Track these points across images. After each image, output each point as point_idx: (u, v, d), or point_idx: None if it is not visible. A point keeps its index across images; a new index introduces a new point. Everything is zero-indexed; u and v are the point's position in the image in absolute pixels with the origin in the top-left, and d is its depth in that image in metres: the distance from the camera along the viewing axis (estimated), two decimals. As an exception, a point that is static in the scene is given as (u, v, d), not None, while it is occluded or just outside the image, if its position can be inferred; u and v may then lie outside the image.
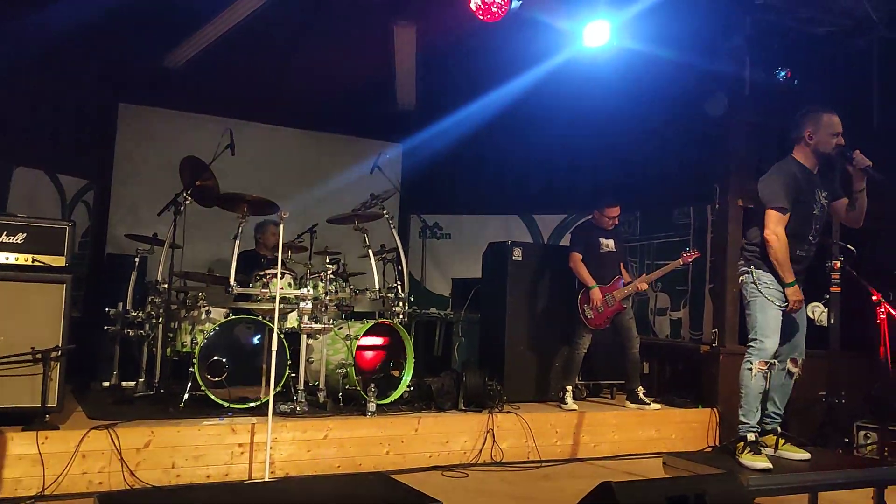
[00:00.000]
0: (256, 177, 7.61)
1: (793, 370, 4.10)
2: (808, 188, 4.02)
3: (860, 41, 6.10)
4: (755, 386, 3.97)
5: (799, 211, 4.00)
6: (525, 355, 6.39)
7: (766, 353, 3.96)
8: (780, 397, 4.15)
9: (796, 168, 4.04)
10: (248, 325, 5.23)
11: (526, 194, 8.85)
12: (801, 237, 4.04)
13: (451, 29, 7.55)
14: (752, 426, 3.96)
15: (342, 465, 4.85)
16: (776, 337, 3.99)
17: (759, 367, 3.96)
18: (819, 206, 4.06)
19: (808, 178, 4.05)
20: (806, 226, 4.04)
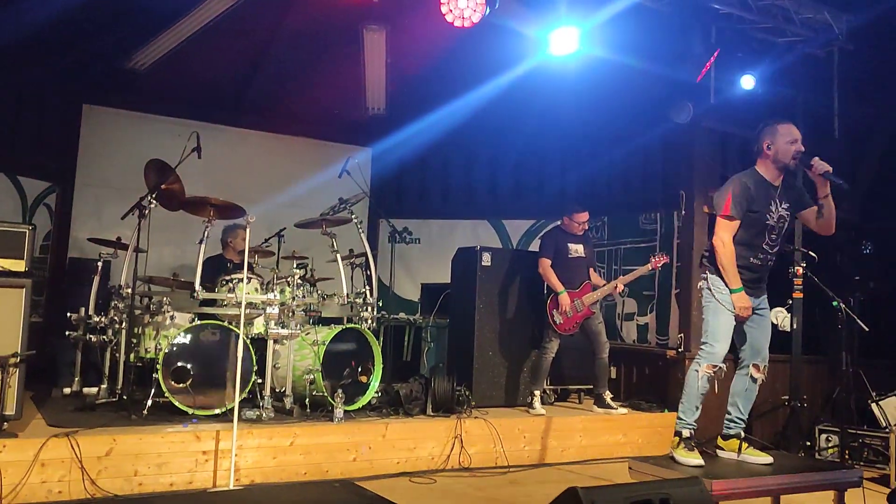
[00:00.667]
0: (223, 181, 7.53)
1: (756, 375, 4.13)
2: (764, 199, 4.07)
3: (821, 51, 6.22)
4: (699, 387, 4.01)
5: (751, 221, 4.06)
6: (494, 360, 6.40)
7: (715, 358, 4.00)
8: (743, 403, 4.19)
9: (753, 179, 4.11)
10: (214, 331, 5.16)
11: (495, 199, 8.89)
12: (755, 246, 4.09)
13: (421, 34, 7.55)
14: (688, 423, 4.01)
15: (309, 472, 4.81)
16: (726, 342, 4.04)
17: (706, 371, 4.01)
18: (776, 216, 4.10)
19: (766, 189, 4.10)
20: (759, 236, 4.09)
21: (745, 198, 4.04)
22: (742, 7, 5.81)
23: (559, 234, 6.35)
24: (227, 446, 4.47)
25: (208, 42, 6.96)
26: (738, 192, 4.04)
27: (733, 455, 4.09)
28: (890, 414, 6.22)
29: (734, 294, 4.00)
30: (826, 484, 3.90)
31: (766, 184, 4.10)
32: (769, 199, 4.08)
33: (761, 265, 4.13)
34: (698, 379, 4.01)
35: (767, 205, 4.07)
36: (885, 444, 5.70)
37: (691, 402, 4.04)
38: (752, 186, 4.06)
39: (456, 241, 7.96)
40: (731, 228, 4.04)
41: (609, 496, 2.89)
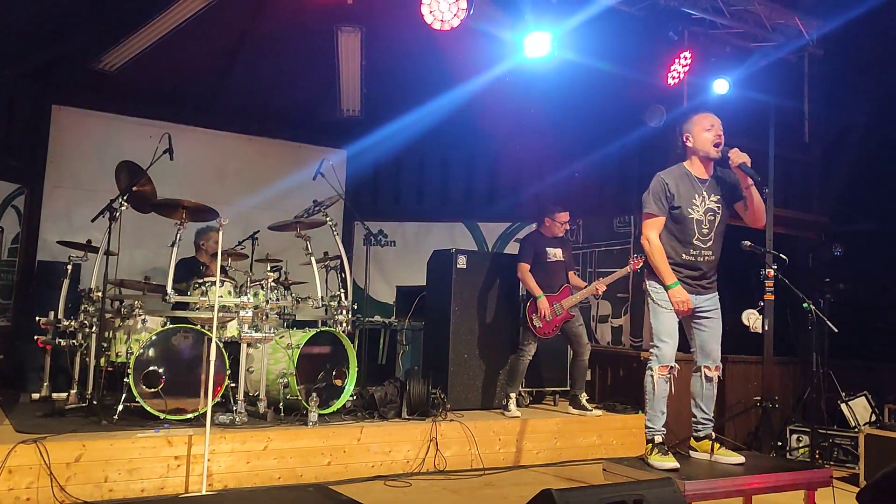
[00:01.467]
0: (196, 182, 7.46)
1: (710, 374, 4.14)
2: (687, 193, 4.08)
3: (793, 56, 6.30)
4: (657, 391, 4.03)
5: (675, 217, 4.09)
6: (469, 363, 6.40)
7: (665, 358, 4.01)
8: (705, 403, 4.20)
9: (674, 175, 4.13)
10: (186, 335, 5.10)
11: (470, 202, 8.89)
12: (685, 242, 4.10)
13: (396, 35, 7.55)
14: (657, 430, 4.03)
15: (282, 476, 4.77)
16: (673, 341, 4.04)
17: (660, 373, 4.02)
18: (703, 210, 4.10)
19: (690, 183, 4.11)
20: (687, 231, 4.09)
21: (664, 194, 4.08)
22: (715, 12, 5.87)
23: (537, 238, 6.35)
24: (199, 451, 4.41)
25: (180, 43, 6.90)
26: (657, 189, 4.09)
27: (706, 456, 4.12)
28: (859, 414, 6.31)
29: (669, 290, 4.00)
30: (797, 484, 3.94)
31: (692, 178, 4.12)
32: (693, 193, 4.09)
33: (695, 261, 4.11)
34: (654, 383, 4.04)
35: (691, 199, 4.08)
36: (855, 443, 5.78)
37: (655, 407, 4.06)
38: (671, 182, 4.09)
39: (431, 243, 7.95)
40: (654, 226, 4.08)
41: (583, 498, 2.90)
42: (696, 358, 4.19)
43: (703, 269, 4.13)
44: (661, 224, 4.10)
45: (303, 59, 7.82)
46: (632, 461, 4.10)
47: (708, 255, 4.14)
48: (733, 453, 4.13)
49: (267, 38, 7.50)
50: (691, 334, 4.20)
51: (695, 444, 4.23)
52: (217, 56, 7.73)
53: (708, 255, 4.14)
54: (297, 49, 7.70)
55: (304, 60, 7.85)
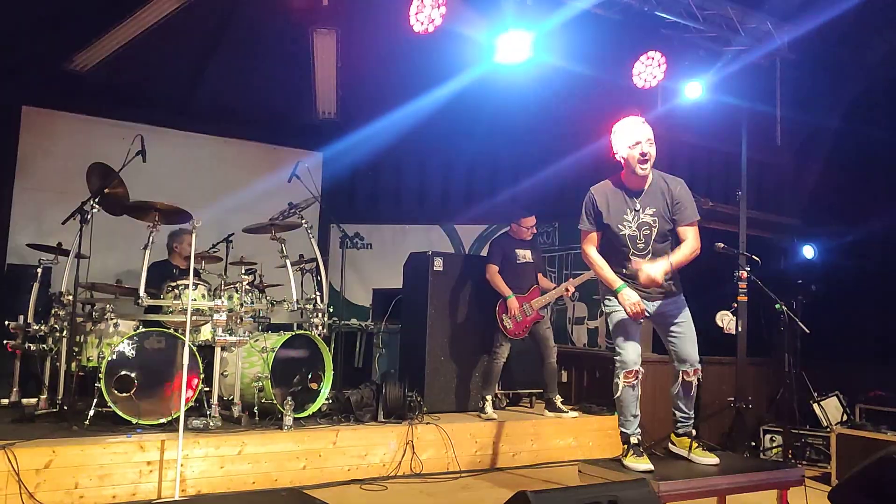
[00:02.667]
0: (169, 185, 7.36)
1: (688, 379, 4.14)
2: (618, 209, 4.01)
3: (764, 60, 6.38)
4: (626, 397, 4.03)
5: (607, 232, 4.07)
6: (445, 366, 6.39)
7: (628, 364, 4.00)
8: (685, 403, 4.21)
9: (606, 190, 4.07)
10: (159, 338, 5.04)
11: (447, 204, 8.89)
12: (620, 255, 4.05)
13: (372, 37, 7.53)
14: (632, 432, 4.04)
15: (257, 481, 4.73)
16: (633, 346, 4.02)
17: (625, 380, 4.01)
18: (637, 224, 3.99)
19: (621, 198, 4.03)
20: (619, 245, 4.04)
21: (592, 210, 4.07)
22: (689, 16, 5.93)
23: (507, 241, 6.38)
24: (172, 456, 4.36)
25: (153, 44, 6.82)
26: (586, 204, 4.10)
27: (684, 452, 4.14)
28: (831, 414, 6.39)
29: (619, 293, 3.96)
30: (770, 483, 3.98)
31: (621, 194, 4.02)
32: (625, 209, 4.01)
33: (635, 275, 4.00)
34: (621, 390, 4.04)
35: (621, 215, 4.00)
36: (827, 443, 5.85)
37: (626, 412, 4.07)
38: (600, 199, 4.03)
39: (408, 246, 7.92)
40: (589, 240, 4.10)
41: (558, 499, 2.91)
42: (674, 364, 4.20)
43: (644, 283, 3.98)
44: (595, 239, 4.10)
45: (278, 60, 7.78)
46: (607, 462, 4.11)
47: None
48: (709, 454, 4.15)
49: (241, 40, 7.45)
50: (666, 342, 4.21)
51: (675, 439, 4.26)
52: (191, 57, 7.66)
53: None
54: (271, 51, 7.66)
55: (279, 62, 7.80)
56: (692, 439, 4.16)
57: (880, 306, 6.71)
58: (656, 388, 5.63)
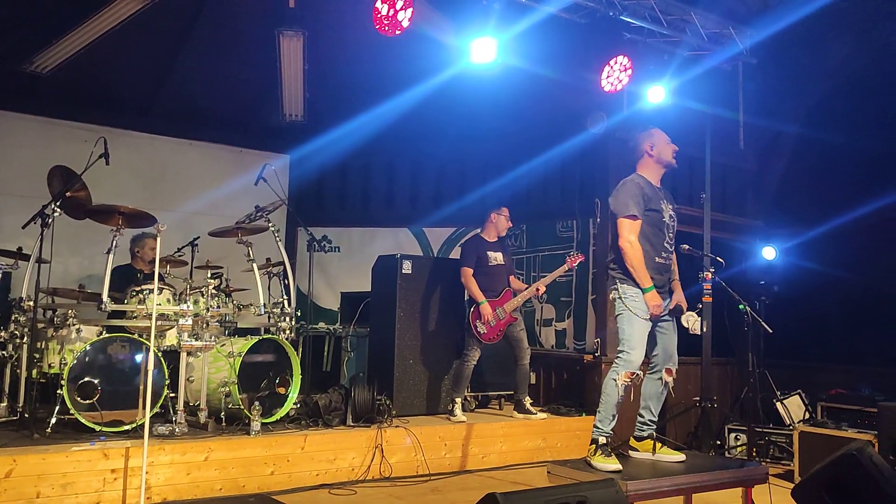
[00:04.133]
0: (132, 188, 7.29)
1: (667, 379, 4.21)
2: (655, 197, 4.21)
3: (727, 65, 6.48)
4: (617, 396, 4.07)
5: (650, 219, 4.17)
6: (415, 369, 6.38)
7: (633, 365, 4.05)
8: (655, 405, 4.28)
9: (641, 180, 4.24)
10: (123, 344, 4.96)
11: (416, 207, 8.88)
12: (657, 245, 4.19)
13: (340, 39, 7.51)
14: (605, 432, 4.07)
15: (224, 487, 4.68)
16: (642, 349, 4.09)
17: (624, 379, 4.05)
18: (668, 215, 4.25)
19: (653, 189, 4.25)
20: (660, 234, 4.20)
21: (643, 196, 4.15)
22: (653, 21, 6.00)
23: (479, 243, 6.38)
24: (137, 464, 4.30)
25: (116, 45, 6.72)
26: (635, 192, 4.14)
27: (648, 455, 4.18)
28: (793, 412, 6.51)
29: (647, 293, 4.05)
30: (734, 481, 4.04)
31: (653, 185, 4.25)
32: (660, 199, 4.23)
33: (664, 265, 4.23)
34: (616, 387, 4.06)
35: (660, 202, 4.21)
36: (790, 440, 5.96)
37: (608, 410, 4.09)
38: (644, 184, 4.20)
39: (376, 249, 7.92)
40: (635, 229, 4.11)
41: (527, 500, 2.91)
42: (658, 361, 4.24)
43: (669, 272, 4.27)
44: (639, 227, 4.13)
45: (244, 62, 7.72)
46: (576, 463, 4.14)
47: (672, 258, 4.31)
48: (675, 452, 4.21)
49: (207, 42, 7.38)
50: (654, 339, 4.25)
51: (636, 444, 4.29)
52: (155, 59, 7.56)
53: (672, 258, 4.31)
54: (237, 53, 7.59)
55: (246, 64, 7.74)
56: (655, 440, 4.21)
57: (840, 306, 6.86)
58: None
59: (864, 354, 6.69)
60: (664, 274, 4.23)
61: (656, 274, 4.16)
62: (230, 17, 7.21)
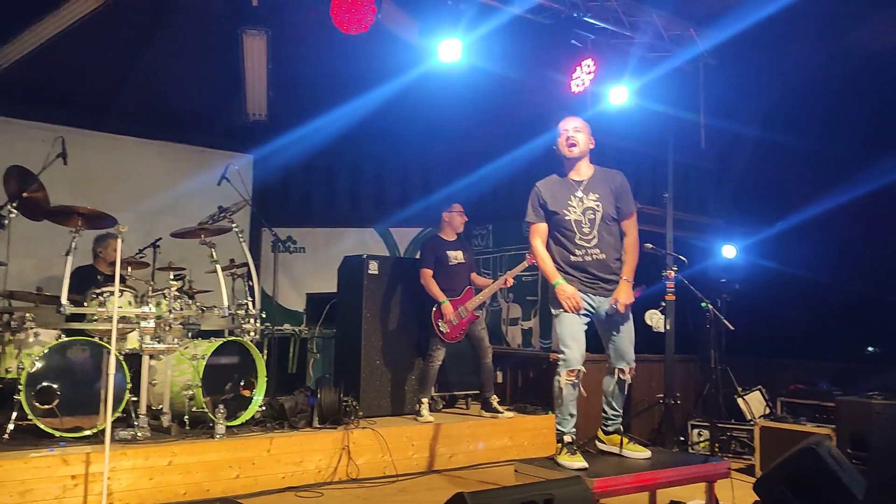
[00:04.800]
0: (92, 188, 7.16)
1: (623, 377, 4.24)
2: (562, 196, 4.23)
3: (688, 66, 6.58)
4: (565, 396, 4.10)
5: (554, 222, 4.25)
6: (381, 370, 6.36)
7: (571, 363, 4.07)
8: (616, 401, 4.31)
9: (550, 181, 4.31)
10: (83, 347, 4.86)
11: (382, 207, 8.86)
12: (570, 243, 4.21)
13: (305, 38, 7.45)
14: (567, 431, 4.10)
15: (188, 491, 4.61)
16: (577, 345, 4.10)
17: (567, 378, 4.07)
18: (582, 210, 4.20)
19: (565, 186, 4.26)
20: (568, 233, 4.21)
21: (539, 202, 4.26)
22: (616, 23, 6.07)
23: (437, 243, 6.37)
24: (98, 469, 4.21)
25: (75, 43, 6.58)
26: (532, 198, 4.29)
27: (615, 449, 4.22)
28: (754, 407, 6.63)
29: (555, 287, 4.12)
30: (698, 476, 4.11)
31: (564, 183, 4.27)
32: (568, 195, 4.22)
33: (583, 261, 4.18)
34: (562, 388, 4.09)
35: (566, 201, 4.21)
36: (751, 435, 6.06)
37: (564, 411, 4.12)
38: (544, 189, 4.27)
39: (342, 249, 7.86)
40: (535, 233, 4.27)
41: (495, 499, 2.93)
42: (611, 361, 4.26)
43: (594, 269, 4.18)
44: (543, 231, 4.28)
45: (206, 61, 7.62)
46: (543, 461, 4.17)
47: (596, 253, 4.18)
48: (641, 448, 4.24)
49: (169, 41, 7.28)
50: (606, 337, 4.28)
51: (603, 437, 4.33)
52: (115, 58, 7.43)
53: (596, 253, 4.18)
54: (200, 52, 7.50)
55: (208, 63, 7.64)
56: (622, 435, 4.26)
57: (798, 303, 6.99)
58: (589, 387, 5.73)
59: (823, 350, 6.84)
60: (585, 270, 4.18)
61: (577, 271, 4.18)
62: (193, 16, 7.11)
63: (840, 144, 6.73)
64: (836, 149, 6.73)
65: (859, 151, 6.58)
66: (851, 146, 6.69)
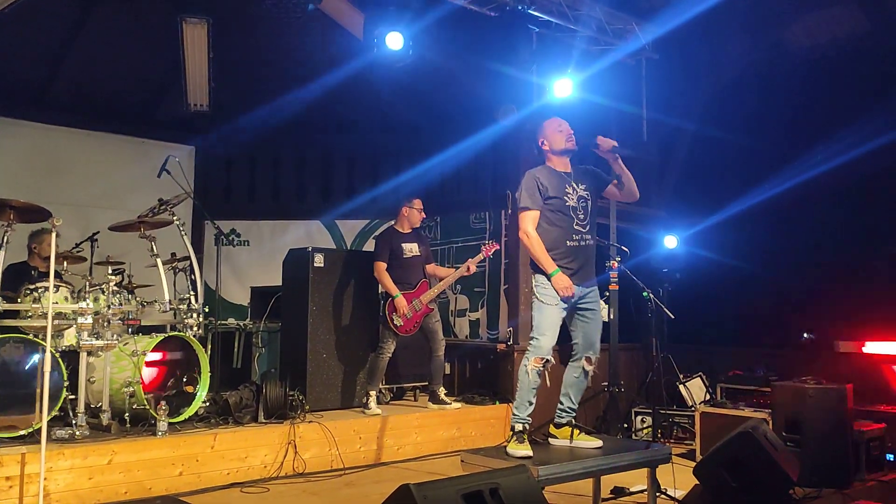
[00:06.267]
0: (25, 180, 6.91)
1: (587, 368, 4.30)
2: (558, 185, 4.31)
3: (631, 60, 6.67)
4: (529, 381, 4.14)
5: (553, 206, 4.29)
6: (328, 363, 6.32)
7: (542, 351, 4.13)
8: (574, 393, 4.36)
9: (541, 172, 4.36)
10: (17, 345, 4.70)
11: (328, 199, 8.77)
12: (566, 229, 4.28)
13: (246, 26, 7.32)
14: (521, 418, 4.13)
15: (130, 490, 4.52)
16: (552, 334, 4.17)
17: (535, 364, 4.13)
18: (576, 198, 4.33)
19: (557, 176, 4.34)
20: (566, 218, 4.29)
21: (537, 188, 4.27)
22: (560, 16, 6.11)
23: (393, 235, 6.34)
24: (34, 470, 4.09)
25: (5, 30, 6.34)
26: (530, 184, 4.29)
27: (566, 442, 4.26)
28: (695, 394, 6.80)
29: (553, 277, 4.14)
30: (640, 462, 4.18)
31: (557, 173, 4.35)
32: (563, 184, 4.31)
33: (579, 245, 4.27)
34: (528, 373, 4.13)
35: (563, 189, 4.30)
36: (692, 421, 6.21)
37: (524, 397, 4.16)
38: (541, 177, 4.30)
39: (287, 242, 7.77)
40: (530, 219, 4.26)
41: (441, 490, 2.93)
42: (578, 350, 4.31)
43: (585, 255, 4.30)
44: (537, 217, 4.25)
45: (145, 50, 7.44)
46: (489, 451, 4.20)
47: (588, 239, 4.33)
48: (592, 438, 4.28)
49: (104, 28, 7.06)
50: (574, 326, 4.32)
51: (554, 430, 4.34)
52: (48, 45, 7.19)
53: (588, 239, 4.33)
54: (138, 40, 7.31)
55: (147, 52, 7.46)
56: (573, 427, 4.30)
57: (736, 292, 7.18)
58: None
59: (760, 337, 7.05)
60: (577, 257, 4.27)
61: (569, 257, 4.23)
62: (131, 2, 6.92)
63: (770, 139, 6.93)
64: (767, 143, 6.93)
65: (787, 146, 6.79)
66: (780, 141, 6.89)
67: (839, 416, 5.08)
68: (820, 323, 6.57)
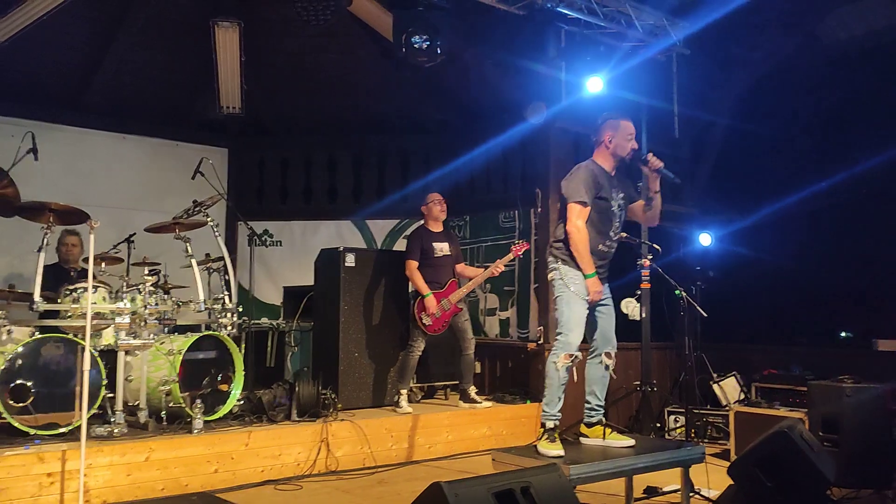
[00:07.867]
0: (64, 184, 7.06)
1: (607, 362, 4.29)
2: (608, 186, 4.26)
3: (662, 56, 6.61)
4: (559, 378, 4.12)
5: (599, 207, 4.23)
6: (360, 362, 6.36)
7: (571, 347, 4.11)
8: (599, 389, 4.34)
9: (595, 168, 4.29)
10: (57, 344, 4.81)
11: (358, 199, 8.82)
12: (603, 233, 4.26)
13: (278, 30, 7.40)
14: (552, 415, 4.12)
15: (167, 487, 4.60)
16: (580, 331, 4.15)
17: (564, 361, 4.11)
18: (617, 205, 4.31)
19: (607, 178, 4.29)
20: (607, 222, 4.26)
21: (594, 184, 4.20)
22: (589, 13, 6.07)
23: (424, 234, 6.36)
24: (74, 466, 4.19)
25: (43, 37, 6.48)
26: (587, 178, 4.19)
27: (598, 441, 4.25)
28: (729, 393, 6.72)
29: (589, 279, 4.10)
30: (673, 461, 4.15)
31: (607, 174, 4.29)
32: (611, 188, 4.27)
33: (607, 251, 4.29)
34: (557, 370, 4.11)
35: (610, 192, 4.26)
36: (726, 421, 6.14)
37: (553, 393, 4.14)
38: (598, 174, 4.24)
39: (319, 242, 7.84)
40: (583, 214, 4.15)
41: (472, 488, 2.94)
42: (597, 345, 4.30)
43: (608, 260, 4.31)
44: (588, 213, 4.17)
45: (178, 54, 7.55)
46: (520, 450, 4.19)
47: (614, 247, 4.34)
48: (624, 437, 4.26)
49: (139, 33, 7.18)
50: (591, 323, 4.30)
51: (586, 430, 4.32)
52: (85, 50, 7.33)
53: (614, 247, 4.34)
54: (171, 44, 7.42)
55: (180, 56, 7.57)
56: (605, 426, 4.28)
57: (772, 290, 7.08)
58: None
59: (795, 335, 6.94)
60: (604, 259, 4.29)
61: (598, 260, 4.22)
62: (163, 7, 7.03)
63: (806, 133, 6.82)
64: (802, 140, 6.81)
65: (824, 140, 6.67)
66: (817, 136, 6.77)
67: (878, 415, 4.98)
68: (858, 321, 6.46)
